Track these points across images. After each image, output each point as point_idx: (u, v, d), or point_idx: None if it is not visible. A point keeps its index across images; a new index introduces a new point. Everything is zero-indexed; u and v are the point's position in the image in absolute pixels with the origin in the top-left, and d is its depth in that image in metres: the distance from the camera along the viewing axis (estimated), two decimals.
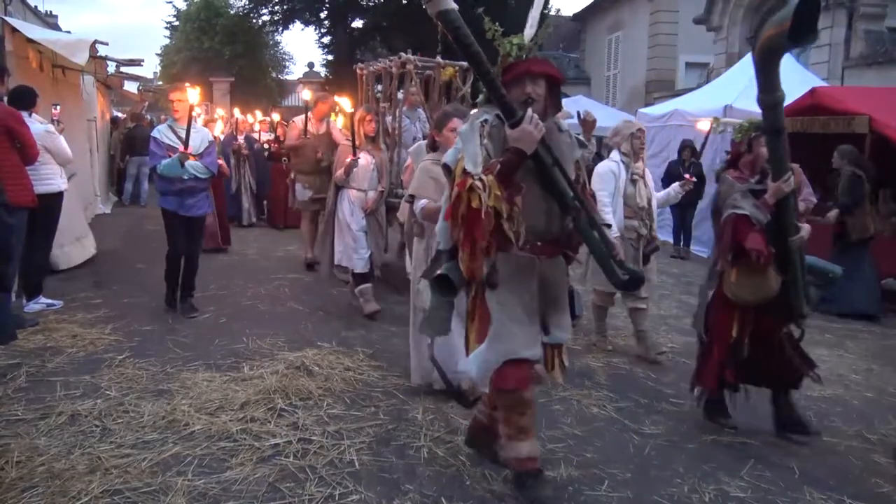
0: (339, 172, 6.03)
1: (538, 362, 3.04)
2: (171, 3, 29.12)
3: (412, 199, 4.19)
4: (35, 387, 4.22)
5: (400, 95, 7.61)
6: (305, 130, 7.88)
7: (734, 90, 10.10)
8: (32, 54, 6.96)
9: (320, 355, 4.93)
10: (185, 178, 5.69)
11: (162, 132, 5.81)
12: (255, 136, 12.35)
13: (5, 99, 5.44)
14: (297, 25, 26.15)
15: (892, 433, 4.13)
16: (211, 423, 3.75)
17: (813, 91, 8.53)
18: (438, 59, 7.15)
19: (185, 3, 28.63)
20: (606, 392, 4.57)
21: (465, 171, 2.80)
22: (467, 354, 3.10)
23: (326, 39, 26.12)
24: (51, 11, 20.63)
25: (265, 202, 12.03)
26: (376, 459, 3.49)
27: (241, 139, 11.10)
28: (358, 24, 25.35)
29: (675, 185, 5.64)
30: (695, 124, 9.08)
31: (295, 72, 33.61)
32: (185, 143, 5.59)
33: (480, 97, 3.12)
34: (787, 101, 7.92)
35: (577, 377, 4.75)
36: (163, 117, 18.25)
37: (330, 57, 26.26)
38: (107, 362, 4.66)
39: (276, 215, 11.42)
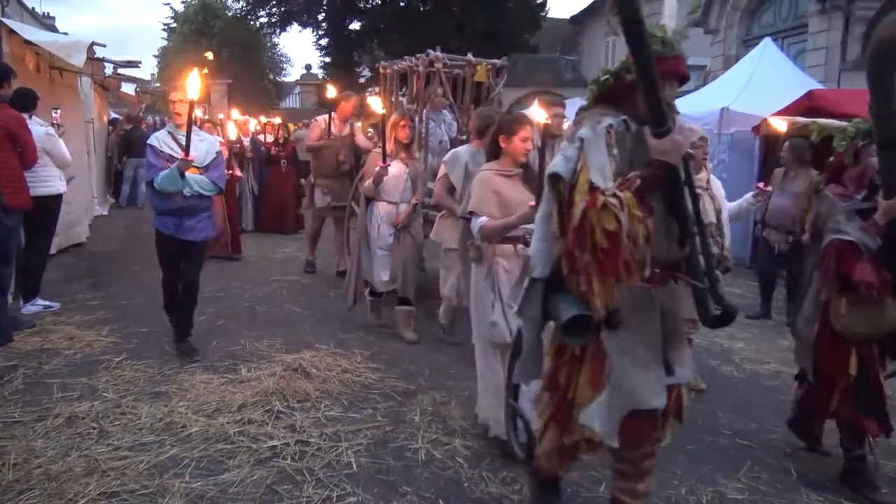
0: (368, 183, 5.44)
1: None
2: (168, 4, 29.18)
3: (471, 215, 3.60)
4: (32, 389, 4.21)
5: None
6: (329, 131, 7.36)
7: (731, 93, 10.11)
8: (30, 56, 6.95)
9: (318, 357, 4.92)
10: (187, 194, 4.72)
11: (160, 139, 4.84)
12: (261, 138, 11.95)
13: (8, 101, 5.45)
14: (295, 27, 26.20)
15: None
16: (208, 425, 3.75)
17: (810, 94, 8.56)
18: (470, 56, 6.63)
19: (183, 5, 28.65)
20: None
21: (592, 186, 2.30)
22: (571, 401, 2.57)
23: (324, 41, 26.15)
24: (48, 13, 20.66)
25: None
26: (374, 461, 3.49)
27: (245, 141, 10.59)
28: (355, 26, 25.39)
29: (748, 195, 5.36)
30: (767, 124, 8.33)
31: (292, 74, 33.63)
32: (186, 150, 4.58)
33: (587, 98, 2.64)
34: (785, 104, 7.93)
35: None
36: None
37: (327, 59, 26.30)
38: (104, 364, 4.65)
39: (272, 219, 10.81)
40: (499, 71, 6.73)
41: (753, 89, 9.87)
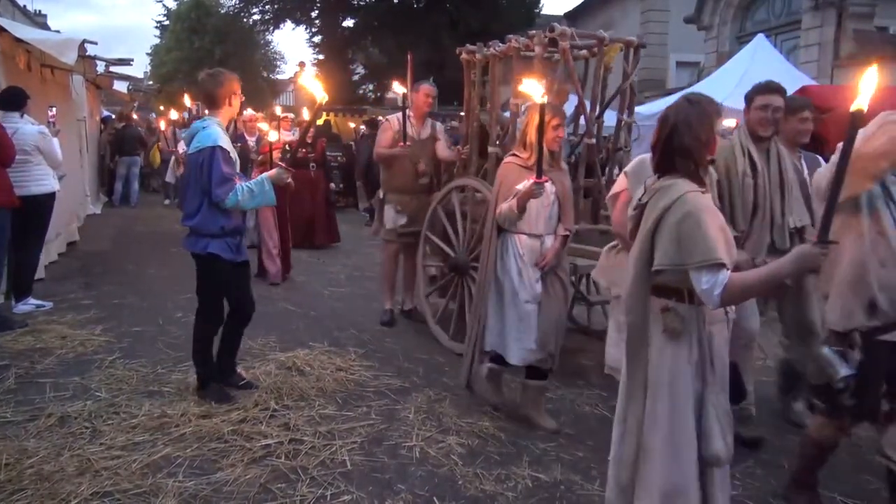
0: (506, 206, 3.79)
1: None
2: (161, 2, 29.05)
3: (721, 267, 2.24)
4: (24, 388, 4.19)
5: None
6: (405, 134, 5.54)
7: (725, 89, 10.11)
8: (21, 54, 6.91)
9: (312, 355, 4.91)
10: (250, 207, 4.03)
11: (225, 139, 3.88)
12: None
13: None
14: (289, 25, 26.13)
15: None
16: (202, 424, 3.74)
17: (802, 89, 8.57)
18: (601, 32, 5.11)
19: (176, 3, 28.52)
20: (598, 391, 4.57)
21: None
22: None
23: (317, 39, 26.09)
24: (39, 11, 20.54)
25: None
26: (368, 459, 3.48)
27: (251, 141, 8.71)
28: (349, 23, 25.34)
29: None
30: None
31: (286, 72, 33.55)
32: (293, 156, 3.99)
33: None
34: None
35: (569, 376, 4.76)
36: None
37: (321, 56, 26.23)
38: (97, 363, 4.63)
39: (301, 233, 8.99)
40: (636, 50, 5.22)
41: (746, 86, 9.70)
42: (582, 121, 5.38)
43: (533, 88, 3.50)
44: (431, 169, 5.91)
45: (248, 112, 9.47)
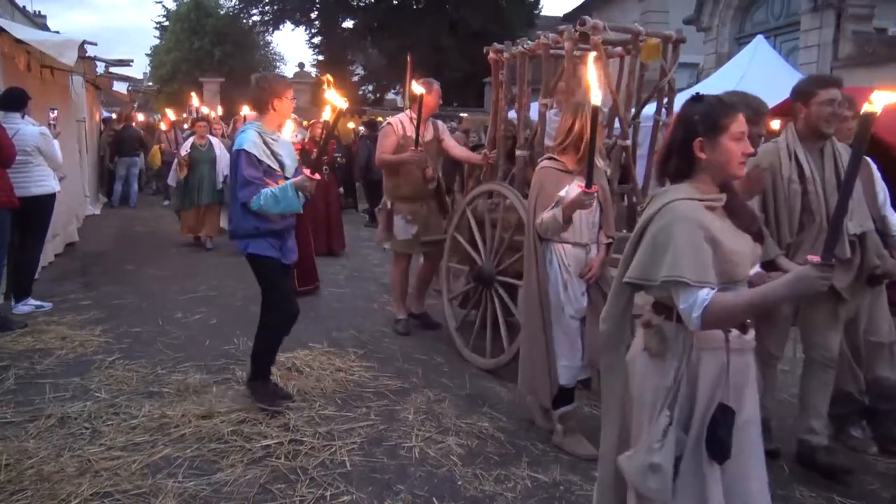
0: (549, 215, 3.46)
1: None
2: (160, 3, 29.05)
3: (697, 286, 2.04)
4: (24, 389, 4.19)
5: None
6: (417, 138, 5.12)
7: (724, 90, 10.12)
8: (20, 55, 6.91)
9: (311, 356, 4.92)
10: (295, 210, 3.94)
11: (255, 144, 3.79)
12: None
13: None
14: (288, 26, 26.20)
15: None
16: (201, 425, 3.74)
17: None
18: (636, 26, 4.80)
19: (175, 4, 28.55)
20: (598, 391, 4.57)
21: None
22: None
23: (317, 40, 26.15)
24: (39, 11, 20.46)
25: None
26: (367, 460, 3.49)
27: None
28: (348, 24, 25.38)
29: None
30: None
31: (286, 72, 33.53)
32: (317, 163, 3.99)
33: None
34: (777, 101, 7.93)
35: None
36: (155, 119, 18.08)
37: (320, 57, 26.28)
38: (97, 364, 4.64)
39: (321, 240, 8.45)
40: (676, 45, 4.80)
41: (746, 87, 9.76)
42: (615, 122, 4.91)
43: (589, 87, 2.95)
44: (439, 171, 5.65)
45: (248, 112, 8.68)
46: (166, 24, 29.10)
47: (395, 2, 23.33)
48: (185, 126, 12.45)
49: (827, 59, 12.29)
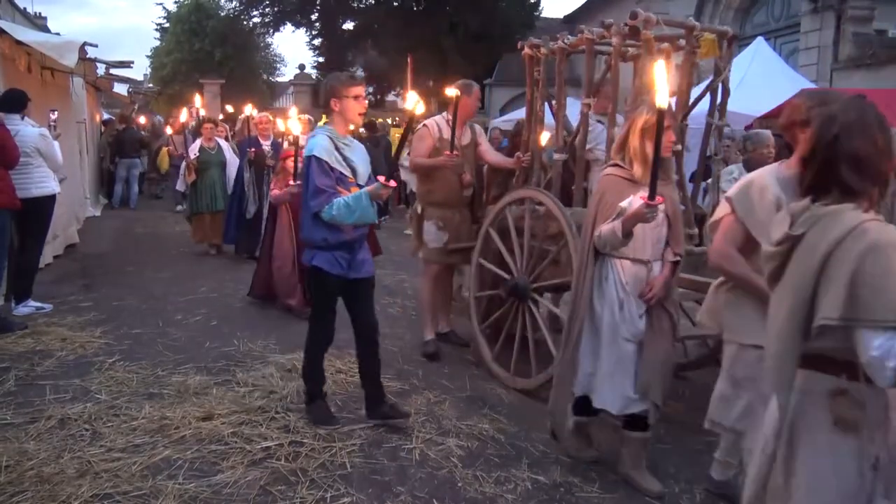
0: (608, 229, 3.14)
1: None
2: (161, 4, 29.06)
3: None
4: (24, 391, 4.19)
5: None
6: (452, 142, 4.78)
7: None
8: (21, 56, 6.92)
9: None
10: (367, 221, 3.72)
11: (326, 150, 3.58)
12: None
13: None
14: (288, 27, 26.19)
15: None
16: (202, 427, 3.74)
17: (801, 93, 8.58)
18: (691, 20, 4.54)
19: (176, 5, 28.55)
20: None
21: None
22: None
23: (317, 41, 26.16)
24: (40, 13, 20.48)
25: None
26: (368, 461, 3.49)
27: (266, 145, 8.02)
28: (349, 26, 25.40)
29: None
30: None
31: (286, 74, 33.58)
32: (391, 171, 3.84)
33: None
34: (777, 103, 7.94)
35: None
36: (154, 119, 18.02)
37: (321, 59, 26.29)
38: (97, 366, 4.64)
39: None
40: (731, 41, 4.56)
41: (746, 88, 9.88)
42: None
43: (656, 87, 2.67)
44: (474, 179, 5.30)
45: (258, 113, 8.97)
46: (167, 25, 29.09)
47: (395, 3, 23.32)
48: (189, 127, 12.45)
49: (827, 61, 12.30)
